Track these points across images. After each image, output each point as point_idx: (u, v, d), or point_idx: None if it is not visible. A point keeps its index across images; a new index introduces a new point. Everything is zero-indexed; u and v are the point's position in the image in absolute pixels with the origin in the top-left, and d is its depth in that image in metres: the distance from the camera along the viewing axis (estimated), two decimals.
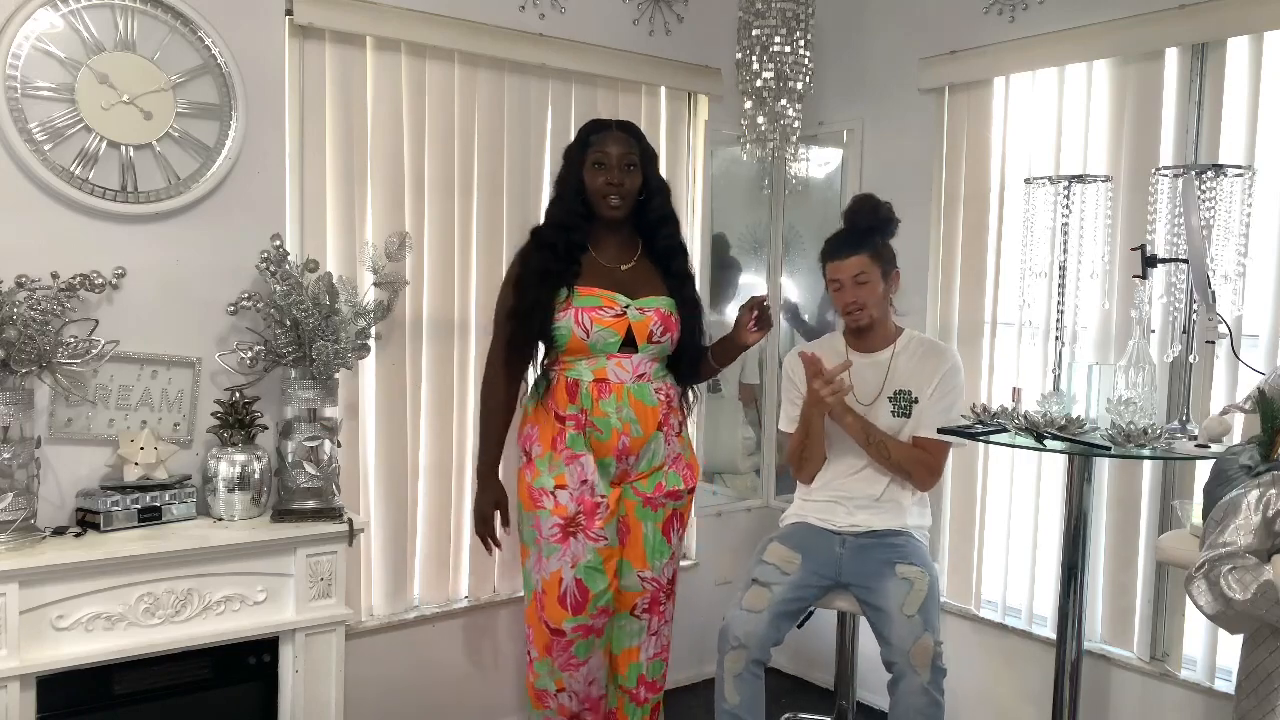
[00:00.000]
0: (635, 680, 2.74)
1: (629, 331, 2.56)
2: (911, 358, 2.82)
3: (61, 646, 2.24)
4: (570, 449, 2.57)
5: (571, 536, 2.57)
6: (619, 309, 2.56)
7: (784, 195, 3.84)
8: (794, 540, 2.80)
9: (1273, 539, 1.87)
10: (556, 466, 2.57)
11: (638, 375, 2.59)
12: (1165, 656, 2.83)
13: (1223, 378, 2.67)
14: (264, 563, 2.47)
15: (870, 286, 2.75)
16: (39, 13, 2.37)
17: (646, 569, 2.69)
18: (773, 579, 2.70)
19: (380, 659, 3.01)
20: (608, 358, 2.56)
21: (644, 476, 2.65)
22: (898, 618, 2.56)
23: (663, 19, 3.44)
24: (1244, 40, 2.61)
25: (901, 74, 3.39)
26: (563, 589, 2.58)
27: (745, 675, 2.61)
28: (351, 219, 2.88)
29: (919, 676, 2.50)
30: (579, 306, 2.54)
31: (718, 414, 3.84)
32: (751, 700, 2.63)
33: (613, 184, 2.56)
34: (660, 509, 2.68)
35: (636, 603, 2.70)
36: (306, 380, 2.59)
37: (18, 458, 2.27)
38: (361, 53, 2.87)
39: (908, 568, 2.64)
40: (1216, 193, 2.43)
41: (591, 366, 2.56)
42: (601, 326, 2.54)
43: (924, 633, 2.53)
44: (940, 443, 2.73)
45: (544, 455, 2.59)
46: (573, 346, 2.55)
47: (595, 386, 2.55)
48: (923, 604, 2.58)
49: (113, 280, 2.45)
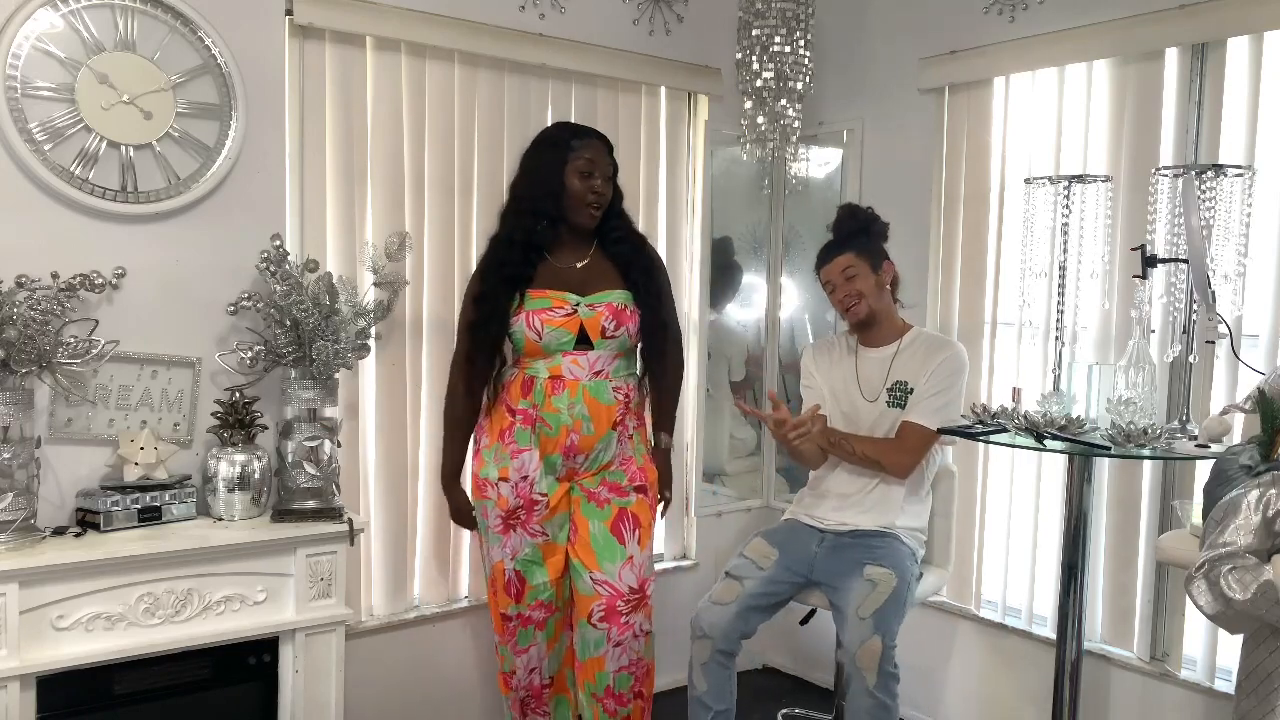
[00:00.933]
0: (603, 690, 2.69)
1: (581, 329, 2.57)
2: (915, 353, 2.83)
3: (61, 646, 2.24)
4: (516, 443, 2.60)
5: (511, 529, 2.64)
6: (569, 308, 2.57)
7: (784, 195, 3.84)
8: (776, 537, 2.85)
9: (1273, 539, 1.87)
10: (502, 459, 2.61)
11: (595, 372, 2.60)
12: (1165, 656, 2.83)
13: (1223, 378, 2.67)
14: (264, 563, 2.47)
15: (860, 278, 2.79)
16: (39, 13, 2.37)
17: (597, 570, 2.63)
18: (745, 573, 2.74)
19: (380, 659, 3.01)
20: (563, 355, 2.58)
21: (590, 474, 2.66)
22: (851, 619, 2.57)
23: (663, 19, 3.44)
24: (1244, 40, 2.61)
25: (901, 74, 3.39)
26: (505, 578, 2.67)
27: (711, 665, 2.67)
28: (351, 219, 2.88)
29: (864, 680, 2.51)
30: (529, 310, 2.56)
31: (718, 414, 3.84)
32: (718, 688, 2.68)
33: (598, 193, 2.59)
34: (606, 505, 2.65)
35: (592, 608, 2.63)
36: (306, 380, 2.59)
37: (18, 458, 2.27)
38: (361, 53, 2.87)
39: (876, 569, 2.63)
40: (1216, 193, 2.43)
41: (548, 365, 2.59)
42: (552, 327, 2.56)
43: (873, 635, 2.52)
44: (920, 428, 2.73)
45: (490, 446, 2.64)
46: (528, 349, 2.59)
47: (550, 383, 2.58)
48: (880, 606, 2.56)
49: (113, 280, 2.45)
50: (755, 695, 3.55)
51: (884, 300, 2.85)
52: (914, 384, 2.79)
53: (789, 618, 2.98)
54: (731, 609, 2.68)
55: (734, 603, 2.69)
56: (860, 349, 2.91)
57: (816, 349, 3.05)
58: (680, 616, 2.90)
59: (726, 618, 2.68)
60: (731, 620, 2.68)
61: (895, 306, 2.91)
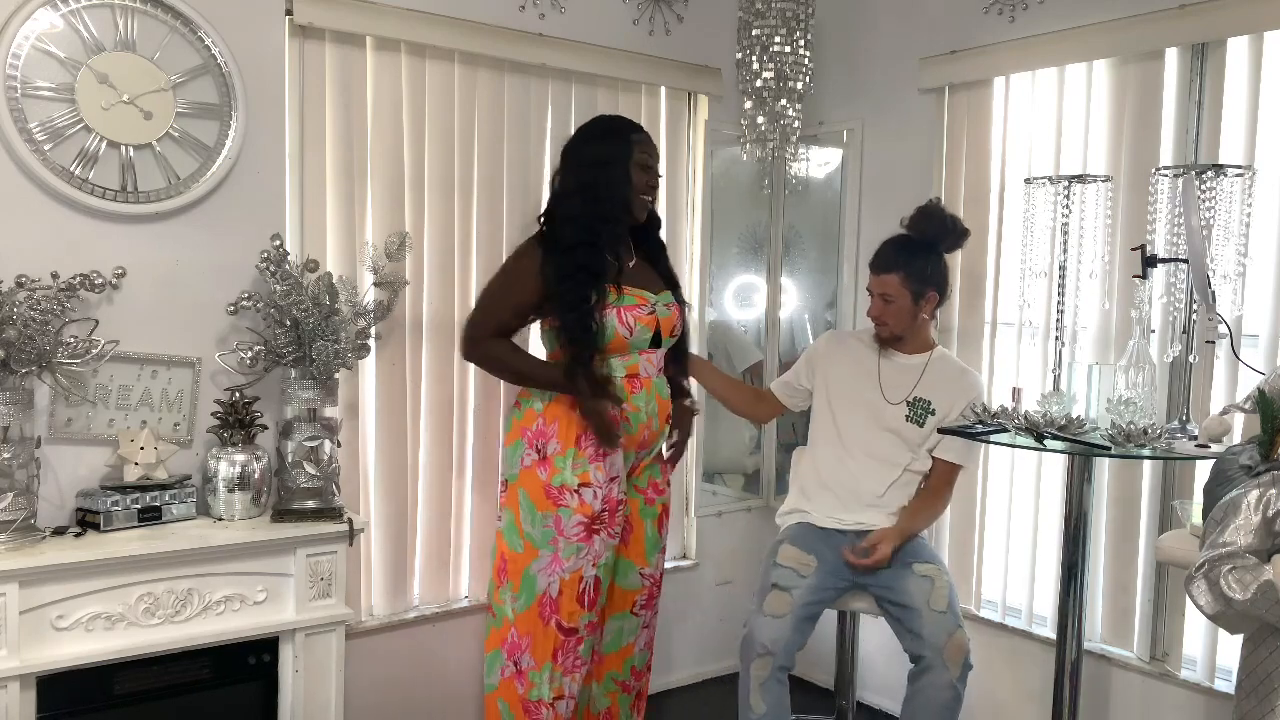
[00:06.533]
0: (628, 673, 2.78)
1: (658, 327, 2.60)
2: (941, 375, 2.83)
3: (61, 646, 2.24)
4: (596, 445, 2.52)
5: (595, 534, 2.53)
6: (650, 306, 2.59)
7: (784, 195, 3.84)
8: (805, 542, 2.79)
9: (1273, 539, 1.87)
10: (580, 464, 2.51)
11: (660, 370, 2.67)
12: (1165, 656, 2.83)
13: (1223, 378, 2.67)
14: (264, 563, 2.47)
15: (895, 307, 2.77)
16: (39, 13, 2.37)
17: (646, 565, 2.74)
18: (791, 583, 2.68)
19: (380, 659, 3.01)
20: (640, 353, 2.58)
21: (638, 470, 2.69)
22: (927, 613, 2.58)
23: (663, 19, 3.44)
24: (1244, 40, 2.61)
25: (901, 74, 3.39)
26: (581, 586, 2.54)
27: (770, 683, 2.60)
28: (351, 219, 2.88)
29: (949, 672, 2.52)
30: (622, 306, 2.51)
31: (717, 413, 3.84)
32: (777, 707, 2.61)
33: (654, 186, 2.62)
34: (653, 504, 2.75)
35: (635, 599, 2.74)
36: (306, 380, 2.59)
37: (18, 458, 2.27)
38: (361, 52, 2.87)
39: (924, 565, 2.67)
40: (1216, 193, 2.43)
41: (625, 362, 2.56)
42: (642, 325, 2.55)
43: (958, 628, 2.56)
44: (955, 465, 2.81)
45: (564, 452, 2.51)
46: (614, 345, 2.52)
47: (628, 382, 2.56)
48: (950, 599, 2.61)
49: (113, 280, 2.45)
50: None
51: (915, 326, 2.83)
52: (936, 405, 2.79)
53: None
54: (788, 621, 2.63)
55: (789, 614, 2.64)
56: (886, 350, 2.89)
57: (832, 341, 3.03)
58: (681, 615, 2.91)
59: (786, 631, 2.61)
60: (791, 633, 2.62)
61: (929, 325, 2.88)
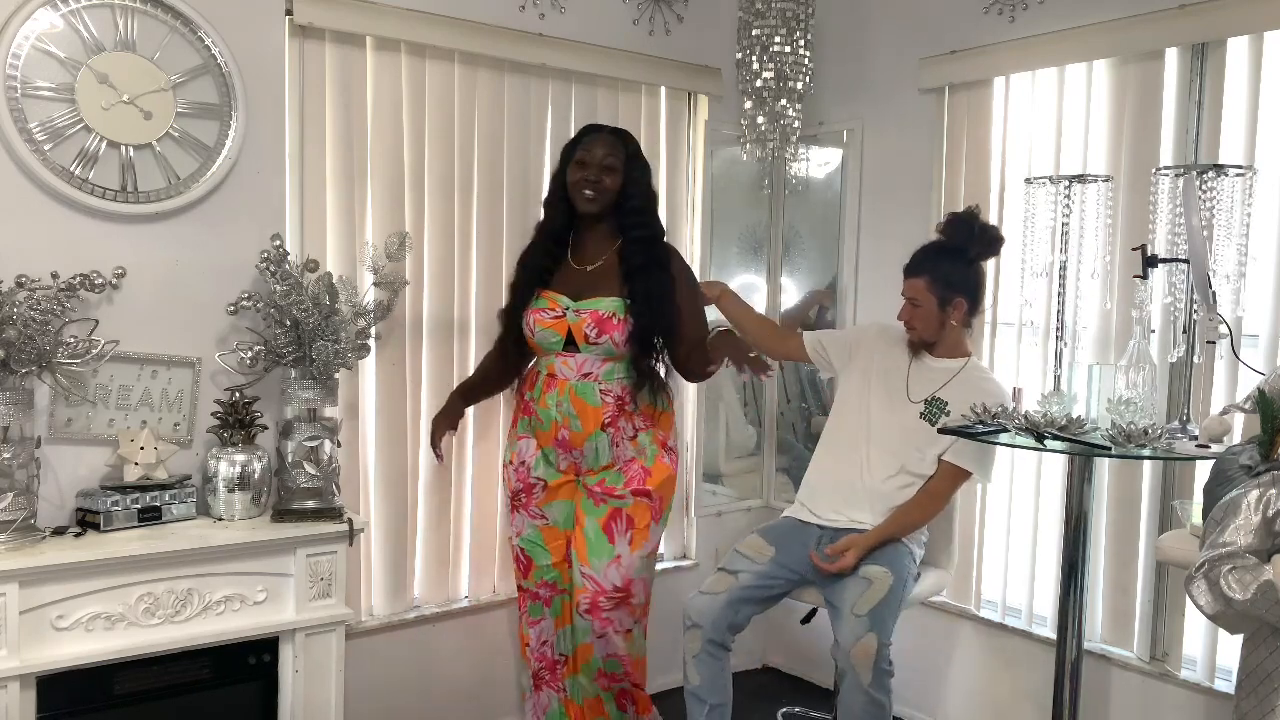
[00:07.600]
0: (595, 672, 2.80)
1: (569, 332, 2.68)
2: (968, 380, 2.81)
3: (61, 646, 2.24)
4: (518, 430, 2.84)
5: (516, 510, 2.85)
6: (560, 311, 2.71)
7: (784, 195, 3.84)
8: (773, 534, 2.86)
9: (1273, 539, 1.87)
10: (512, 444, 2.86)
11: (583, 374, 2.70)
12: (1165, 656, 2.83)
13: (1223, 378, 2.67)
14: (264, 563, 2.47)
15: (921, 311, 2.79)
16: (39, 13, 2.37)
17: (586, 565, 2.72)
18: (740, 566, 2.77)
19: (380, 659, 3.01)
20: (555, 355, 2.72)
21: (593, 472, 2.74)
22: (846, 616, 2.58)
23: (663, 19, 3.44)
24: (1244, 40, 2.61)
25: (901, 74, 3.38)
26: (514, 553, 2.89)
27: (703, 656, 2.69)
28: (351, 219, 2.88)
29: (859, 677, 2.52)
30: (532, 308, 2.74)
31: (717, 413, 3.84)
32: (711, 680, 2.69)
33: (588, 180, 2.68)
34: (601, 505, 2.73)
35: (579, 599, 2.74)
36: (306, 380, 2.59)
37: (18, 458, 2.27)
38: (361, 52, 2.87)
39: (872, 568, 2.65)
40: (1217, 193, 2.43)
41: (546, 362, 2.76)
42: (543, 327, 2.71)
43: (868, 633, 2.53)
44: (960, 470, 2.78)
45: (509, 432, 2.92)
46: (530, 345, 2.78)
47: (546, 380, 2.74)
48: (876, 605, 2.58)
49: (113, 280, 2.45)
50: (755, 695, 3.54)
51: (943, 331, 2.82)
52: (952, 407, 2.77)
53: (789, 618, 2.98)
54: (721, 599, 2.70)
55: (724, 593, 2.71)
56: (919, 353, 2.88)
57: (881, 333, 3.00)
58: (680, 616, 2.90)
59: (716, 607, 2.70)
60: (721, 609, 2.69)
61: (961, 332, 2.86)
